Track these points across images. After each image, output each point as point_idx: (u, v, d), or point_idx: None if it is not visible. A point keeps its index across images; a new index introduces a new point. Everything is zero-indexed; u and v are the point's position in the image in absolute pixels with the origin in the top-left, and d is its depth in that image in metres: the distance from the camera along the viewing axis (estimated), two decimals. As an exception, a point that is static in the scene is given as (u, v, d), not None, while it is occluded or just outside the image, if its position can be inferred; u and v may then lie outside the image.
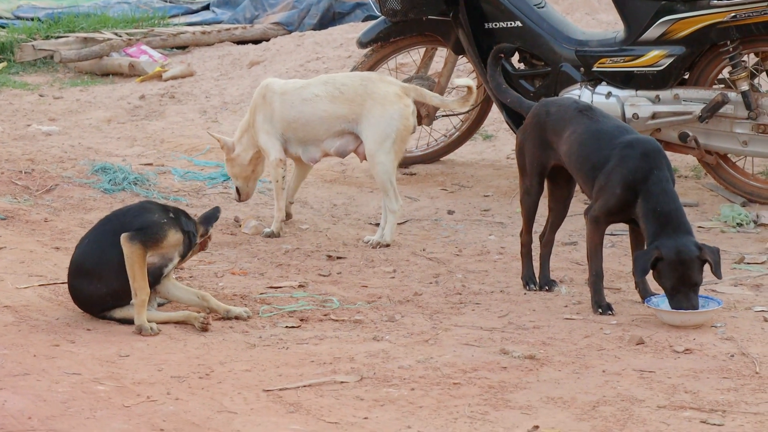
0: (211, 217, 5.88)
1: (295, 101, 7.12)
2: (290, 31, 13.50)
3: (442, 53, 9.12)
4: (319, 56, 11.63)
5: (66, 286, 5.79)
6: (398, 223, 7.15)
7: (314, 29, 13.42)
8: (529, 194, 6.06)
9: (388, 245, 6.94)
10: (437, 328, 5.58)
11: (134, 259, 5.45)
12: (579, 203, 7.35)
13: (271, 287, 6.19)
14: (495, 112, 9.04)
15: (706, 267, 5.53)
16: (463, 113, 8.70)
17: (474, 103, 7.16)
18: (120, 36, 13.07)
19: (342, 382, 4.89)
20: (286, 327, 5.58)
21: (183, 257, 5.70)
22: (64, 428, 4.43)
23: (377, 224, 7.32)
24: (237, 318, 5.65)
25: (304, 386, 4.85)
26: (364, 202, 7.95)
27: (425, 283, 6.29)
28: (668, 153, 7.79)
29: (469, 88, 7.04)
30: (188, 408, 4.64)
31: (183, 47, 13.30)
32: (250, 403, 4.70)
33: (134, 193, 8.01)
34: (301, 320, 5.68)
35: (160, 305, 5.74)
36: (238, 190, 7.48)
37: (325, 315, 5.75)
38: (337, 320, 5.69)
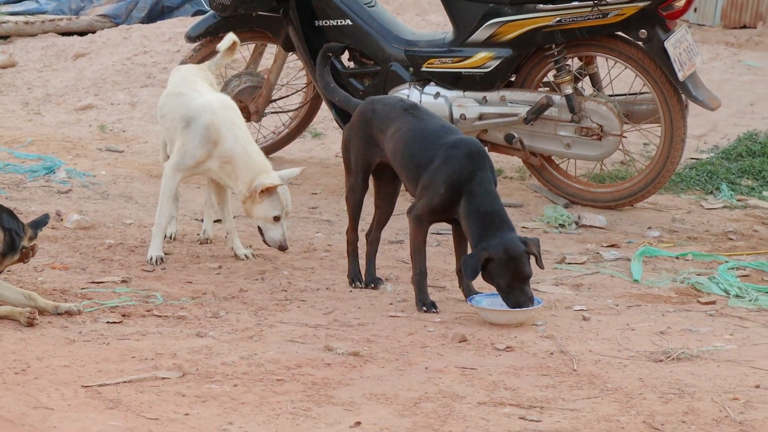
0: (40, 222, 5.83)
1: None
2: (117, 24, 13.31)
3: (272, 50, 9.12)
4: (147, 50, 11.50)
5: None
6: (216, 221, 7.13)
7: (142, 22, 13.26)
8: (355, 191, 6.12)
9: (209, 240, 6.92)
10: (262, 324, 5.58)
11: None
12: (405, 201, 7.42)
13: (93, 282, 6.10)
14: (324, 110, 9.08)
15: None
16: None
17: (236, 50, 7.17)
18: (-62, 23, 12.72)
19: (163, 378, 4.85)
20: (108, 322, 5.52)
21: (4, 255, 5.59)
22: None
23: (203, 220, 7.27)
24: (68, 313, 5.55)
25: (125, 382, 4.80)
26: (191, 198, 7.90)
27: (251, 280, 6.29)
28: (494, 154, 7.97)
29: (234, 42, 7.05)
30: (2, 404, 4.55)
31: (5, 37, 12.99)
32: (67, 399, 4.63)
33: (-49, 185, 7.81)
34: (123, 316, 5.62)
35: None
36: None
37: (148, 311, 5.70)
38: (160, 316, 5.64)
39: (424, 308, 5.81)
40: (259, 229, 6.43)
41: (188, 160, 6.49)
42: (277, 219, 6.36)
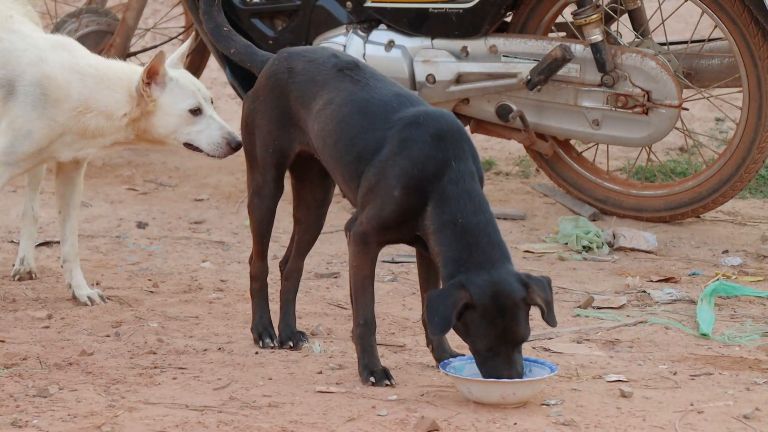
0: None
1: None
2: None
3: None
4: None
5: None
6: (40, 244, 7.15)
7: None
8: (262, 197, 6.15)
9: (32, 275, 6.96)
10: (117, 406, 5.60)
11: None
12: (343, 213, 7.48)
13: None
14: (213, 69, 9.12)
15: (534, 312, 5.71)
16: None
17: None
18: None
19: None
20: None
21: None
22: None
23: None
24: None
25: None
26: (2, 206, 7.93)
27: (99, 337, 6.31)
28: (480, 136, 8.04)
29: None
30: None
31: None
32: None
33: None
34: None
35: None
36: None
37: (-68, 387, 5.75)
38: (-46, 395, 5.68)
39: (372, 379, 5.85)
40: (190, 147, 6.53)
41: (24, 145, 6.47)
42: (196, 112, 6.48)
